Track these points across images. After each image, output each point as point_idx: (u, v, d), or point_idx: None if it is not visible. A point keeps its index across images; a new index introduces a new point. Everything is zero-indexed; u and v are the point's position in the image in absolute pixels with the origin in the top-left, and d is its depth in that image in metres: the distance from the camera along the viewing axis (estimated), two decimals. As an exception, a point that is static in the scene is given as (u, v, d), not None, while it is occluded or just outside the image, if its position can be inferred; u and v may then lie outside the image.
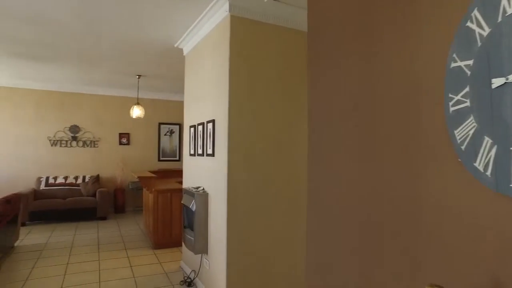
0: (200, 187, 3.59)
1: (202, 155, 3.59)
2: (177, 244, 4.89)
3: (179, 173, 6.42)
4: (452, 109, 0.94)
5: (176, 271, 4.19)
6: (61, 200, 6.87)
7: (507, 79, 0.80)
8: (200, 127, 3.65)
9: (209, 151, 3.35)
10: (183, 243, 4.08)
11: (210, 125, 3.34)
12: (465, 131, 0.90)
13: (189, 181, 4.10)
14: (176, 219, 5.05)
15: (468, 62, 0.90)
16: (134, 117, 6.57)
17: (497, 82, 0.82)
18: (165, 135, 8.54)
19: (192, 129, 3.96)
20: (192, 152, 3.96)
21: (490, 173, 0.83)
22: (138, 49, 4.74)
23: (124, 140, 8.11)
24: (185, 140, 4.34)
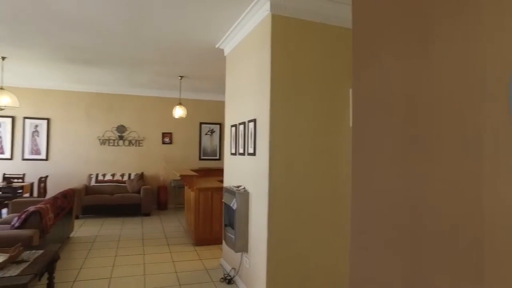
0: (241, 186, 3.63)
1: (243, 154, 3.62)
2: (218, 241, 4.98)
3: (219, 172, 6.52)
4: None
5: (216, 268, 4.27)
6: (109, 195, 7.26)
7: None
8: (241, 127, 3.68)
9: (250, 150, 3.37)
10: (223, 240, 4.15)
11: (251, 125, 3.37)
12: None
13: (230, 180, 4.15)
14: (216, 217, 5.15)
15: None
16: (176, 117, 6.79)
17: None
18: (206, 134, 8.74)
19: (233, 129, 4.01)
20: (233, 151, 4.01)
21: None
22: (180, 51, 4.89)
23: (167, 139, 8.42)
24: (226, 139, 4.41)
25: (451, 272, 1.11)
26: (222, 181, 4.94)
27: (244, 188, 3.57)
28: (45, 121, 7.67)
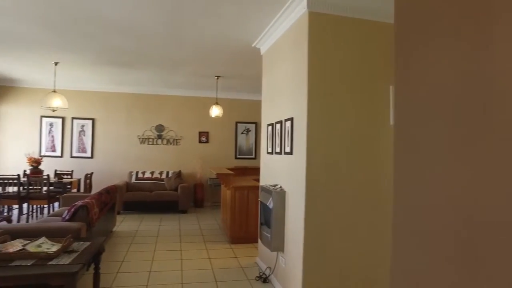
0: (277, 185, 3.63)
1: (280, 153, 3.62)
2: (253, 240, 5.01)
3: (255, 171, 6.56)
4: None
5: (251, 266, 4.29)
6: (148, 192, 7.54)
7: None
8: (278, 125, 3.68)
9: (287, 149, 3.36)
10: (259, 239, 4.17)
11: (288, 123, 3.36)
12: None
13: (266, 179, 4.16)
14: (252, 215, 5.18)
15: None
16: (213, 116, 6.91)
17: None
18: (242, 133, 8.83)
19: (270, 128, 4.02)
20: (269, 150, 4.02)
21: None
22: (217, 51, 4.97)
23: (203, 138, 8.60)
24: (262, 138, 4.42)
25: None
26: (257, 180, 4.97)
27: (280, 187, 3.56)
28: (90, 121, 8.12)
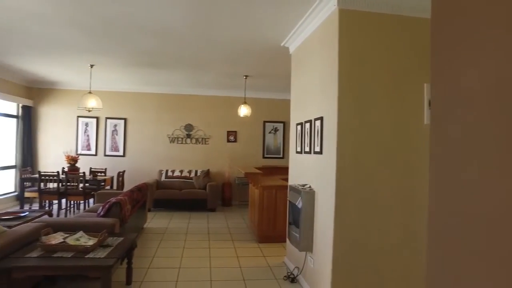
0: (306, 184, 3.60)
1: (309, 152, 3.59)
2: (281, 239, 5.00)
3: (283, 170, 6.55)
4: None
5: (279, 266, 4.29)
6: (177, 191, 7.70)
7: None
8: (307, 125, 3.65)
9: (317, 149, 3.33)
10: (287, 239, 4.15)
11: (318, 123, 3.32)
12: None
13: (295, 178, 4.14)
14: (280, 215, 5.17)
15: None
16: (241, 115, 6.95)
17: None
18: (270, 133, 8.83)
19: (299, 127, 3.99)
20: (298, 149, 3.99)
21: None
22: (246, 51, 5.00)
23: (231, 137, 8.68)
24: (291, 137, 4.40)
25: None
26: (285, 180, 4.95)
27: (309, 186, 3.53)
28: (123, 121, 8.41)
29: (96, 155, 8.33)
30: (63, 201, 6.57)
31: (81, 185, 6.49)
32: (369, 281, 2.98)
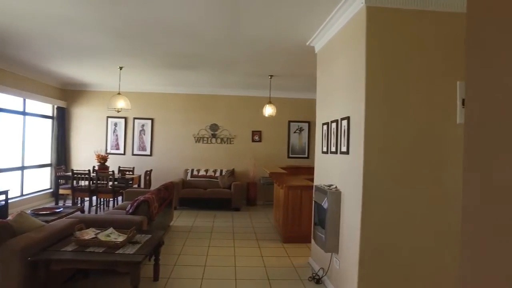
0: (332, 185, 3.55)
1: (335, 152, 3.54)
2: (306, 240, 4.96)
3: (307, 170, 6.50)
4: None
5: (304, 266, 4.26)
6: (202, 190, 7.81)
7: None
8: (333, 124, 3.60)
9: (343, 149, 3.28)
10: (312, 239, 4.12)
11: (344, 122, 3.27)
12: None
13: (320, 178, 4.10)
14: (305, 215, 5.13)
15: None
16: (266, 115, 6.96)
17: None
18: (294, 132, 8.79)
19: (325, 127, 3.95)
20: (324, 149, 3.95)
21: None
22: (271, 50, 4.99)
23: (256, 137, 8.71)
24: (317, 137, 4.36)
25: None
26: (310, 180, 4.91)
27: (335, 187, 3.48)
28: (150, 121, 8.62)
29: (124, 154, 8.59)
30: (94, 198, 6.82)
31: (110, 183, 6.71)
32: (398, 285, 2.90)
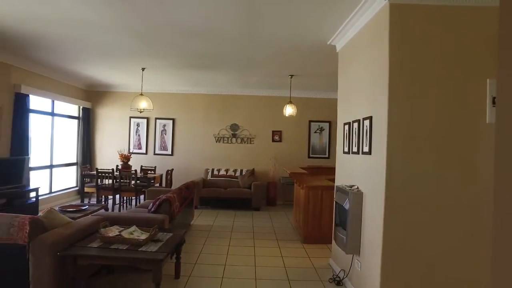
0: (354, 185, 3.49)
1: (357, 153, 3.48)
2: (326, 241, 4.90)
3: (328, 170, 6.42)
4: None
5: (324, 267, 4.21)
6: (223, 189, 7.86)
7: None
8: (355, 124, 3.54)
9: (365, 149, 3.22)
10: (333, 240, 4.07)
11: (366, 122, 3.21)
12: None
13: (342, 179, 4.04)
14: (326, 216, 5.07)
15: None
16: (286, 115, 6.93)
17: None
18: (315, 132, 8.71)
19: (346, 127, 3.89)
20: (346, 149, 3.89)
21: None
22: (292, 50, 4.97)
23: (276, 137, 8.69)
24: (338, 137, 4.30)
25: None
26: (331, 180, 4.85)
27: (357, 187, 3.42)
28: (171, 121, 8.76)
29: (146, 153, 8.77)
30: (117, 196, 6.99)
31: (133, 182, 6.85)
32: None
